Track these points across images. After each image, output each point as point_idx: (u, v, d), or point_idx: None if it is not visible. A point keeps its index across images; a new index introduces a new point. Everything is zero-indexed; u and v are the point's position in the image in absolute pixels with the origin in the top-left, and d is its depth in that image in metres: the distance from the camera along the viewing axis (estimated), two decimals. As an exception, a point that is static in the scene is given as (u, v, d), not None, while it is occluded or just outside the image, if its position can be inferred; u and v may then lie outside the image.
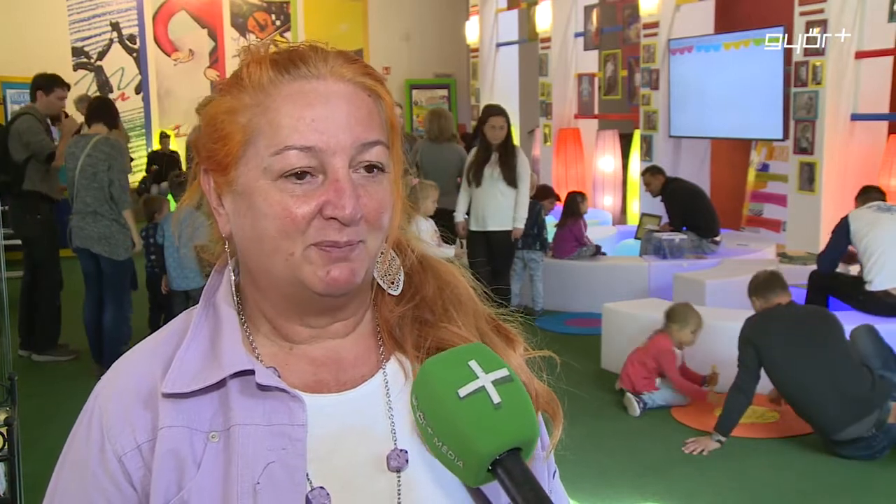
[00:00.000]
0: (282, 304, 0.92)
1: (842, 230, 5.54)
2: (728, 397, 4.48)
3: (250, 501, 0.84)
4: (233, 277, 0.96)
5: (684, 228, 7.58)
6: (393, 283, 0.96)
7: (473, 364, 0.80)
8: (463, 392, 0.78)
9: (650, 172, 7.80)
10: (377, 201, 0.88)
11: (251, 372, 0.88)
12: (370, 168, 0.88)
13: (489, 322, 0.99)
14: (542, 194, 7.69)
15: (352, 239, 0.87)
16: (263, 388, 0.88)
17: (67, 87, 6.35)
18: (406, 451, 0.90)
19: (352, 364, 0.94)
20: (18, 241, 8.14)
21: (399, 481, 0.89)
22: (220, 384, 0.89)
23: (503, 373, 0.80)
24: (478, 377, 0.79)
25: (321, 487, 0.87)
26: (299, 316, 0.92)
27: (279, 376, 0.90)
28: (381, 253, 0.94)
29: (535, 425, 0.79)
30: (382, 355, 0.96)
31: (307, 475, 0.87)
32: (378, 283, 0.96)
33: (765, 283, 4.64)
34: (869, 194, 5.75)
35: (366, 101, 0.89)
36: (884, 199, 5.72)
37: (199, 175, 0.95)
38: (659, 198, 7.81)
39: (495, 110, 6.55)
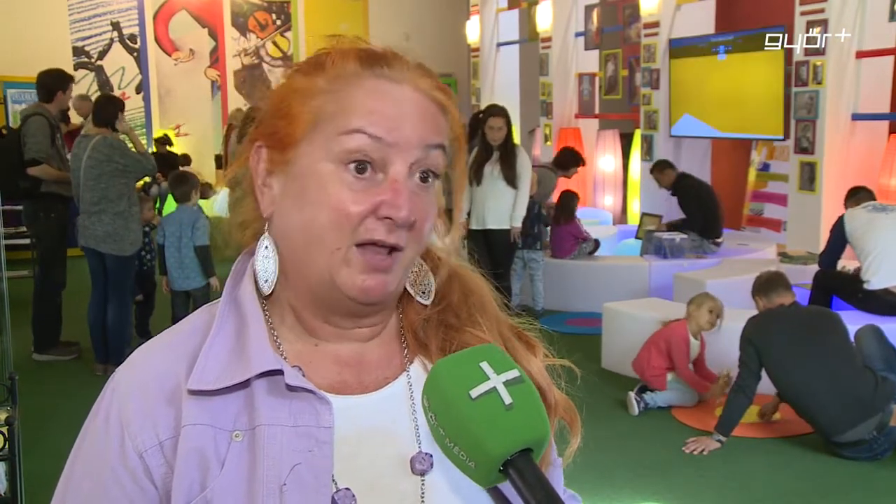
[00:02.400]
0: (307, 298, 0.91)
1: (838, 230, 5.58)
2: (729, 397, 4.48)
3: (276, 502, 0.84)
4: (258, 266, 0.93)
5: (682, 229, 7.57)
6: (424, 292, 0.97)
7: (484, 365, 0.80)
8: (474, 393, 0.78)
9: (658, 168, 7.76)
10: (425, 211, 0.89)
11: (278, 371, 0.87)
12: (425, 177, 0.89)
13: (511, 329, 1.00)
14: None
15: (398, 243, 0.87)
16: (291, 388, 0.87)
17: (72, 78, 6.39)
18: (431, 455, 0.89)
19: (375, 366, 0.94)
20: (24, 241, 8.15)
21: (423, 485, 0.89)
22: (245, 383, 0.88)
23: (514, 374, 0.80)
24: (489, 378, 0.79)
25: (346, 489, 0.86)
26: (324, 314, 0.92)
27: (304, 375, 0.89)
28: (415, 265, 0.94)
29: (546, 426, 0.79)
30: (406, 357, 0.96)
31: (332, 476, 0.86)
32: (407, 290, 0.96)
33: (768, 283, 4.64)
34: (859, 195, 5.77)
35: (436, 113, 0.91)
36: (874, 199, 5.74)
37: (250, 150, 0.93)
38: (669, 192, 7.75)
39: (495, 111, 6.54)
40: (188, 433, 0.86)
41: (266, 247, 0.92)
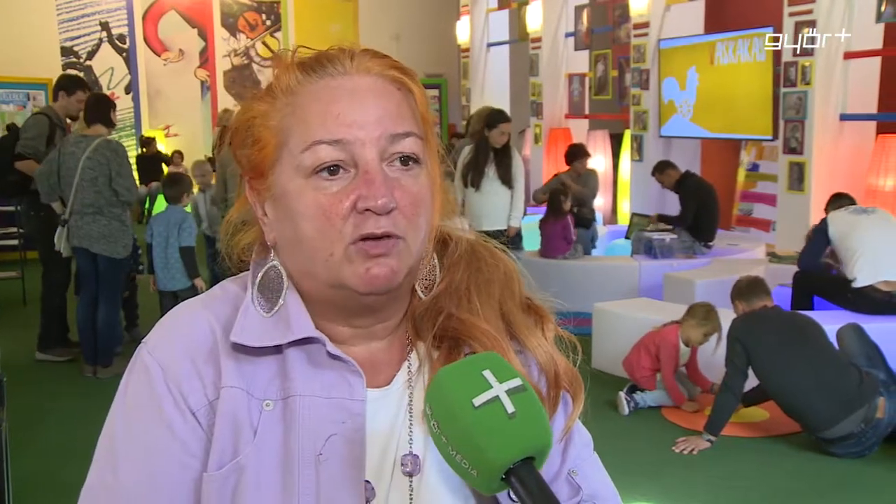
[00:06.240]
0: (324, 307, 0.91)
1: (821, 231, 5.62)
2: (717, 397, 4.49)
3: (312, 471, 0.85)
4: (283, 271, 0.93)
5: (676, 227, 7.57)
6: (427, 288, 0.96)
7: (487, 374, 0.80)
8: (477, 402, 0.78)
9: (658, 170, 7.71)
10: (412, 195, 0.87)
11: (313, 341, 0.88)
12: (405, 161, 0.87)
13: (520, 304, 0.99)
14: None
15: (389, 230, 0.85)
16: (333, 356, 0.88)
17: (89, 89, 6.33)
18: (418, 457, 0.90)
19: (386, 365, 0.94)
20: (13, 242, 8.11)
21: (411, 486, 0.89)
22: (279, 349, 0.88)
23: (516, 382, 0.80)
24: (492, 387, 0.79)
25: (367, 481, 0.87)
26: (344, 318, 0.92)
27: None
28: (424, 256, 0.93)
29: (549, 434, 0.79)
30: (408, 349, 0.96)
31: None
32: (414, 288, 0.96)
33: (748, 288, 4.67)
34: (840, 201, 5.83)
35: (394, 94, 0.89)
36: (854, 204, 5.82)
37: (245, 186, 0.94)
38: (673, 191, 7.72)
39: (505, 117, 6.58)
40: (226, 395, 0.86)
41: (274, 268, 0.92)
